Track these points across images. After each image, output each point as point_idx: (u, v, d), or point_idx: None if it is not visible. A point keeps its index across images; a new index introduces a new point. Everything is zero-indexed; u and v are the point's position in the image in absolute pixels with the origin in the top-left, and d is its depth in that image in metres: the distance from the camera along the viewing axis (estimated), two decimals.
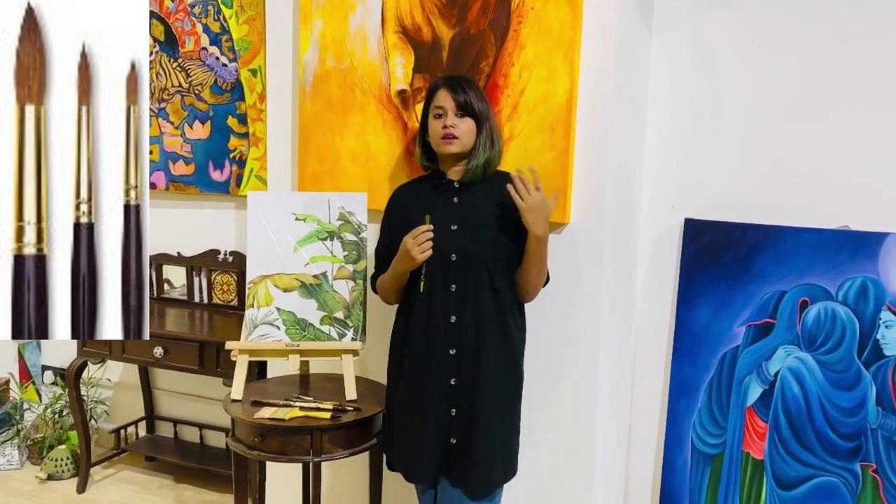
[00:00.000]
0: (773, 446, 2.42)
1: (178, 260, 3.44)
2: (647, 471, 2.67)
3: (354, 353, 2.32)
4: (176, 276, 3.48)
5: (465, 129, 2.04)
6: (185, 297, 3.45)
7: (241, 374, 2.27)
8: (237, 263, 3.28)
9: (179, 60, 3.37)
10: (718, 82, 2.50)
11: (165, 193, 3.49)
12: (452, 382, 2.05)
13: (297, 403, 2.20)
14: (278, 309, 2.33)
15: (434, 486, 2.15)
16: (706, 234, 2.51)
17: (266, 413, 2.14)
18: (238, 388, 2.26)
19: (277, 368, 2.71)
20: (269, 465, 2.83)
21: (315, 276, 2.35)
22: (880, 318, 2.27)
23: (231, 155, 3.32)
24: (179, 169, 3.43)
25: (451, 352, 2.05)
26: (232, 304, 3.34)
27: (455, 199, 2.10)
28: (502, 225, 2.06)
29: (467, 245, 2.04)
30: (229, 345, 2.31)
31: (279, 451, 2.13)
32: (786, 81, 2.41)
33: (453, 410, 2.06)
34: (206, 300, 3.40)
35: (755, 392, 2.45)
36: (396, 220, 2.17)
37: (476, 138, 2.06)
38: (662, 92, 2.56)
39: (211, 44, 3.30)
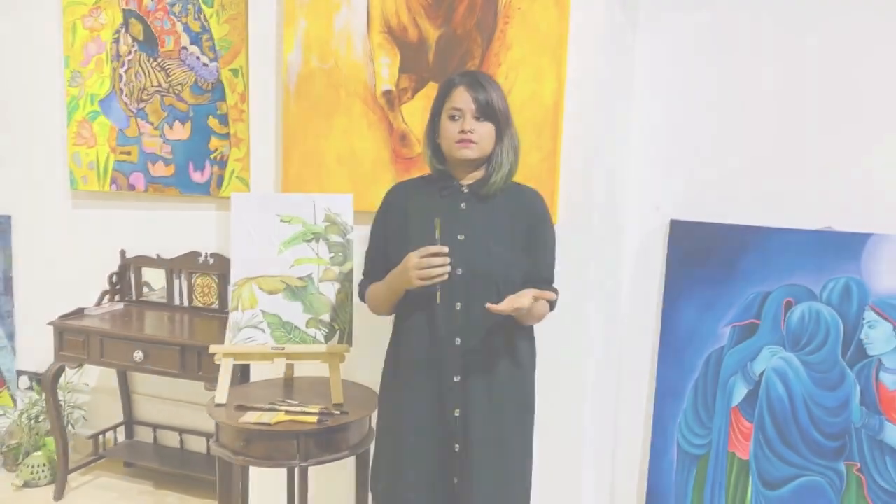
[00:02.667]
0: (759, 446, 2.43)
1: (157, 262, 3.39)
2: (633, 471, 2.67)
3: (341, 356, 2.29)
4: (155, 278, 3.43)
5: (483, 133, 1.81)
6: (164, 300, 3.39)
7: (225, 378, 2.23)
8: (218, 266, 3.24)
9: (159, 60, 3.32)
10: (703, 83, 2.51)
11: (144, 195, 3.44)
12: (456, 414, 1.83)
13: (283, 407, 2.16)
14: (263, 312, 2.30)
15: None
16: (691, 235, 2.52)
17: (251, 417, 2.11)
18: (222, 393, 2.23)
19: (261, 372, 2.67)
20: (253, 471, 2.79)
21: (300, 279, 2.32)
22: (864, 319, 2.29)
23: (212, 156, 3.27)
24: (159, 170, 3.37)
25: (454, 378, 1.83)
26: (213, 306, 3.30)
27: (463, 206, 1.86)
28: (515, 239, 1.85)
29: (475, 259, 1.81)
30: (213, 348, 2.27)
31: (265, 456, 2.10)
32: (771, 84, 2.42)
33: (456, 446, 1.83)
34: (186, 303, 3.35)
35: (740, 392, 2.46)
36: (394, 224, 1.94)
37: (496, 145, 1.83)
38: (647, 93, 2.56)
39: (191, 43, 3.25)
